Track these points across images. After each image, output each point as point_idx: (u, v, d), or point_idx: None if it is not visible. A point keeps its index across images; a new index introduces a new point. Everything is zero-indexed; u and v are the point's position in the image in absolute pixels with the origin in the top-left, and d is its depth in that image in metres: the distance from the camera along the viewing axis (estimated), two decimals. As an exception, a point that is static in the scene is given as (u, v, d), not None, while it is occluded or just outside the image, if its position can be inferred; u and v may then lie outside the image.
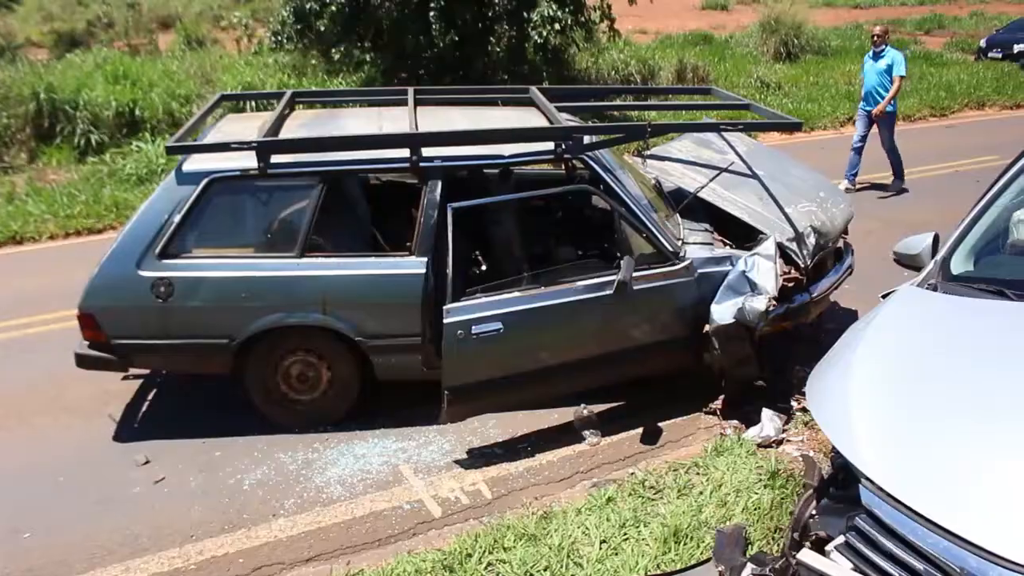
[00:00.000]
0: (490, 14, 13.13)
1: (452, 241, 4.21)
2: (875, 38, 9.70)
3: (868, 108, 9.51)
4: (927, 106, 14.74)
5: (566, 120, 5.05)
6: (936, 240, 3.75)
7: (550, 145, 4.77)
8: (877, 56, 9.49)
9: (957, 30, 28.83)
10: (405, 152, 4.61)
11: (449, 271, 4.26)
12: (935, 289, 3.38)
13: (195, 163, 4.65)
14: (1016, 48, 23.00)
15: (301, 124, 5.22)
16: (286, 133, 4.94)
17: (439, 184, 4.69)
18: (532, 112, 5.48)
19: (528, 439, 4.87)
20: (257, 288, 4.57)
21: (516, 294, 4.46)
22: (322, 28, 12.74)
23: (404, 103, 5.45)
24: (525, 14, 12.96)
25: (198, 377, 5.24)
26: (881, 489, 2.43)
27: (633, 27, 21.87)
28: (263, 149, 4.51)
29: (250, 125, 5.15)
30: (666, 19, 24.95)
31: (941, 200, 7.63)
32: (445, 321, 4.26)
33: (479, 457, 4.72)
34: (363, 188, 5.59)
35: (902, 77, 9.34)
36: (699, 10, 29.62)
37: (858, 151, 9.57)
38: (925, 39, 26.38)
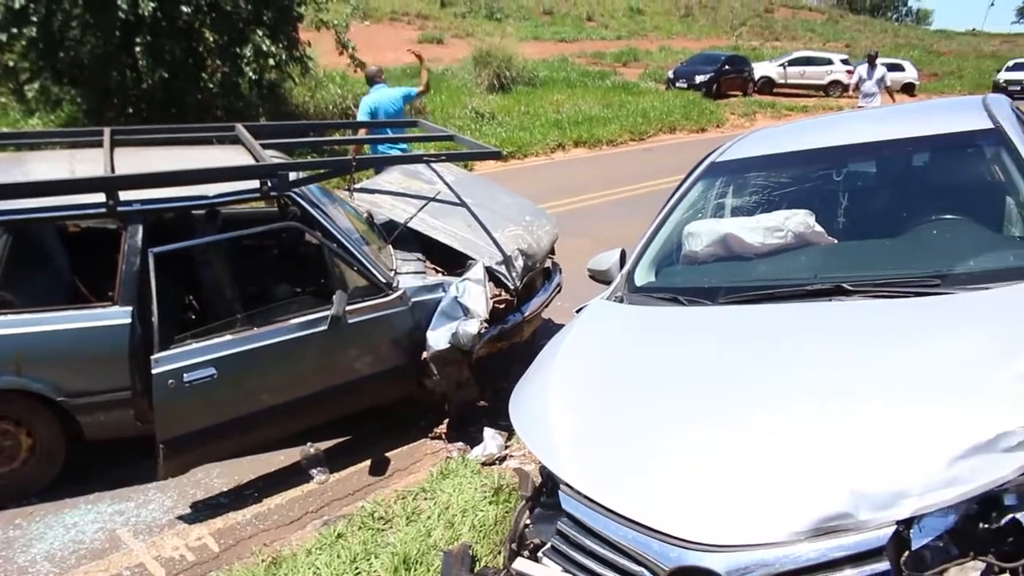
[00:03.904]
0: (201, 49, 12.71)
1: (155, 287, 4.02)
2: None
3: None
4: (627, 131, 15.89)
5: (272, 157, 4.99)
6: (623, 255, 4.06)
7: (257, 183, 4.69)
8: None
9: (649, 62, 31.51)
10: (101, 196, 4.35)
11: (155, 318, 4.06)
12: (621, 300, 3.64)
13: None
14: (698, 79, 25.70)
15: None
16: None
17: (140, 228, 4.47)
18: (240, 150, 5.37)
19: (255, 484, 4.73)
20: (-65, 353, 4.12)
21: (228, 337, 4.32)
22: (11, 63, 11.72)
23: (100, 144, 5.15)
24: (237, 49, 12.69)
25: None
26: (575, 490, 2.59)
27: (350, 62, 21.95)
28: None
29: None
30: (384, 52, 25.18)
31: (646, 217, 8.28)
32: (154, 371, 4.05)
33: (204, 509, 4.52)
34: (59, 236, 5.20)
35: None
36: (416, 43, 30.23)
37: None
38: (623, 70, 28.49)
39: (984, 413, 2.21)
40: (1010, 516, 2.13)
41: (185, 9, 11.97)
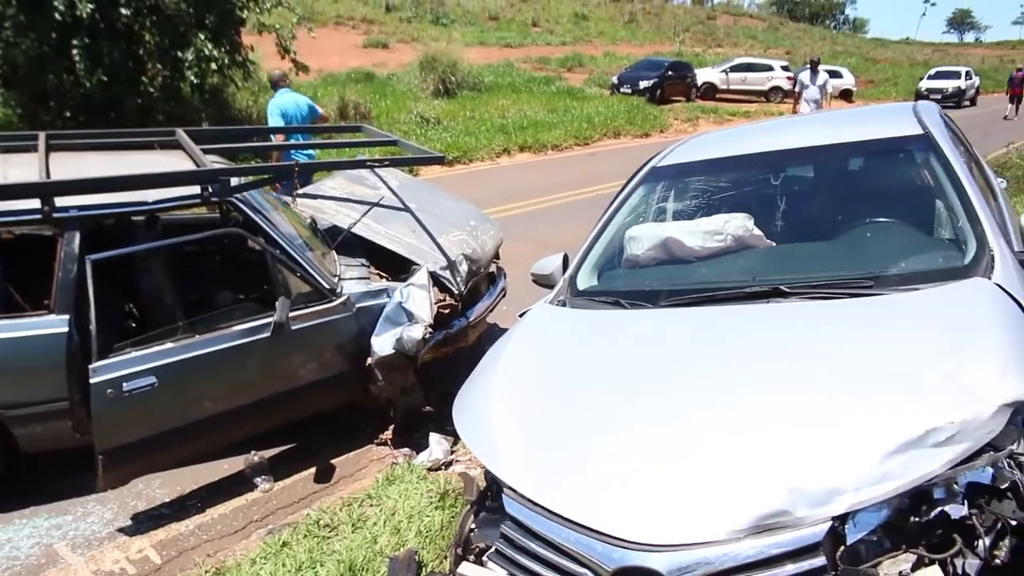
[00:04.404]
0: (141, 52, 12.49)
1: (93, 295, 3.95)
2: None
3: None
4: (572, 136, 15.99)
5: (213, 162, 4.93)
6: (566, 259, 4.11)
7: (197, 189, 4.63)
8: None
9: (594, 68, 31.75)
10: (36, 203, 4.26)
11: (93, 327, 3.99)
12: (564, 304, 3.68)
13: None
14: (642, 84, 26.00)
15: None
16: None
17: (76, 235, 4.37)
18: (180, 155, 5.28)
19: (198, 494, 4.67)
20: None
21: (169, 345, 4.26)
22: (-63, 64, 11.42)
23: (35, 149, 5.03)
24: (179, 53, 12.50)
25: None
26: (518, 493, 2.61)
27: (292, 65, 21.79)
28: None
29: None
30: (328, 57, 25.09)
31: (591, 221, 8.35)
32: (92, 381, 3.97)
33: (146, 521, 4.44)
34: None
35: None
36: (361, 48, 30.14)
37: None
38: (568, 75, 28.67)
39: (914, 410, 2.28)
40: (939, 509, 2.20)
41: (124, 11, 11.76)
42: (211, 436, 4.53)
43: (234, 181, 4.74)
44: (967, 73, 35.37)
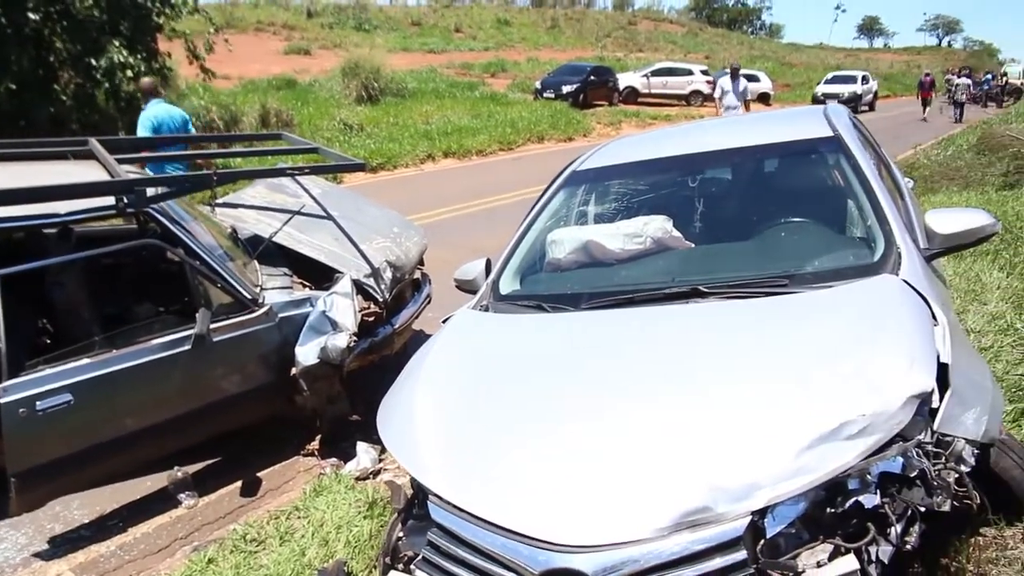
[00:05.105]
0: (52, 59, 12.10)
1: (3, 311, 3.82)
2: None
3: None
4: (496, 141, 16.04)
5: (129, 172, 4.80)
6: (488, 264, 4.12)
7: (112, 200, 4.50)
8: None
9: (517, 73, 31.93)
10: None
11: (2, 344, 3.85)
12: (487, 309, 3.70)
13: None
14: (565, 89, 26.26)
15: None
16: None
17: None
18: (95, 165, 5.13)
19: (119, 513, 4.55)
20: None
21: (85, 361, 4.13)
22: None
23: None
24: (92, 60, 12.14)
25: None
26: (443, 499, 2.61)
27: (215, 72, 21.45)
28: None
29: None
30: (249, 64, 24.75)
31: (515, 226, 8.39)
32: (2, 400, 3.83)
33: (64, 544, 4.31)
34: None
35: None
36: (282, 54, 29.79)
37: None
38: (491, 81, 28.76)
39: (827, 404, 2.35)
40: (853, 499, 2.28)
41: (33, 16, 11.38)
42: (132, 453, 4.41)
43: (151, 191, 4.62)
44: (863, 78, 36.01)
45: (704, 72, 33.71)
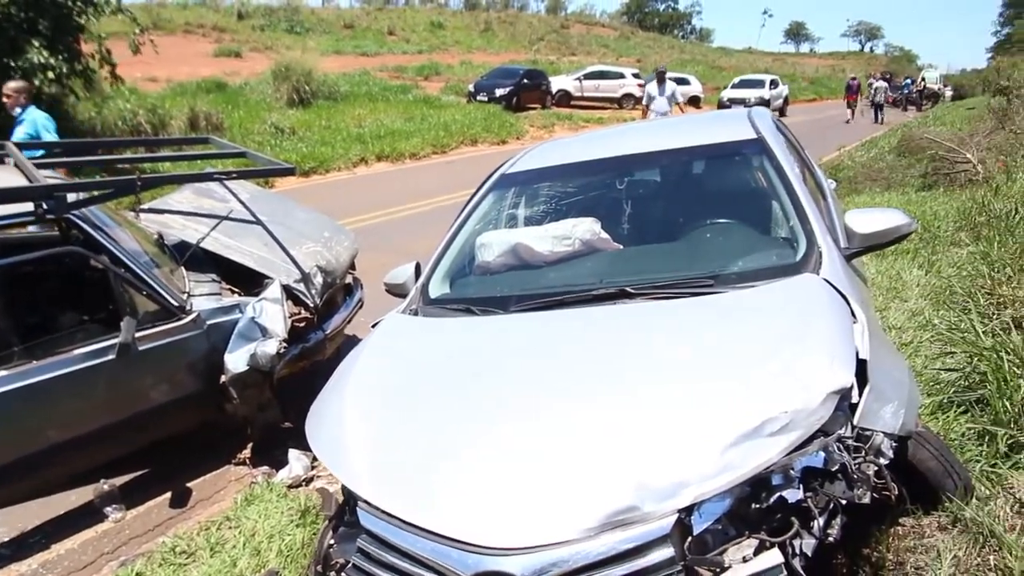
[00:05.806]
0: (-35, 60, 11.74)
1: None
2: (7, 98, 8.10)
3: None
4: (429, 144, 16.02)
5: (48, 177, 4.68)
6: (418, 268, 4.10)
7: (31, 206, 4.38)
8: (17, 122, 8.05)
9: (451, 76, 31.92)
10: None
11: None
12: (416, 313, 3.68)
13: None
14: (498, 92, 26.34)
15: None
16: None
17: None
18: (10, 170, 4.98)
19: (42, 530, 4.42)
20: None
21: (3, 373, 4.02)
22: None
23: None
24: (11, 62, 11.78)
25: None
26: (372, 505, 2.59)
27: (142, 75, 21.01)
28: None
29: None
30: (177, 66, 24.29)
31: (446, 229, 8.40)
32: None
33: (-19, 563, 4.18)
34: None
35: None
36: (212, 57, 29.30)
37: None
38: (425, 84, 28.70)
39: (750, 402, 2.39)
40: (777, 495, 2.33)
41: (-55, 16, 11.04)
42: (55, 467, 4.29)
43: (72, 197, 4.51)
44: (772, 82, 35.40)
45: (636, 75, 34.11)
